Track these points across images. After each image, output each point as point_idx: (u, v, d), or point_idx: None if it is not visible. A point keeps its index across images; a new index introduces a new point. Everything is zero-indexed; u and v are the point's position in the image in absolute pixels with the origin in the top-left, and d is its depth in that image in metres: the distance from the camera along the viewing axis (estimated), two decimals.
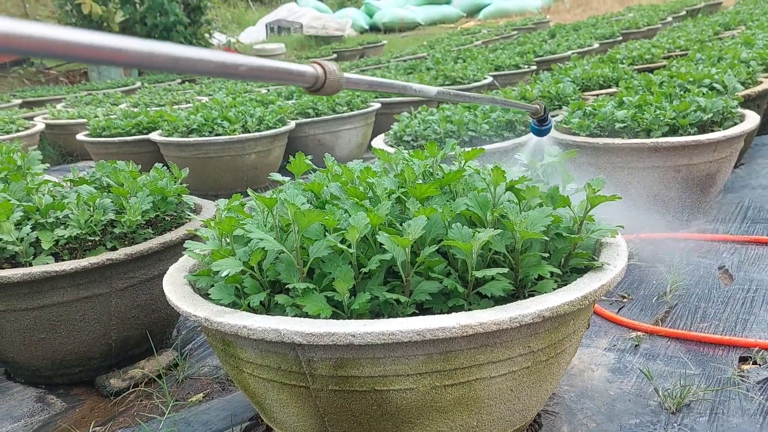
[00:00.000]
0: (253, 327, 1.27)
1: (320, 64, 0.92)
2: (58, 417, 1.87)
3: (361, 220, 1.39)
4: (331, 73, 0.92)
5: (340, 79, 0.94)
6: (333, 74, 0.92)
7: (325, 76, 0.91)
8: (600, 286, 1.36)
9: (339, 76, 0.93)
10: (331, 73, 0.92)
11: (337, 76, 0.93)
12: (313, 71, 0.91)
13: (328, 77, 0.91)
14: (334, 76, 0.92)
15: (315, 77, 0.91)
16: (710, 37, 6.84)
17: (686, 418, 1.61)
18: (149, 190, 2.06)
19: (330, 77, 0.92)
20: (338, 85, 0.94)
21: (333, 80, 0.92)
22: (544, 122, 1.70)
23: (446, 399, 1.32)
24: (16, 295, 1.83)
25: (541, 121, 1.70)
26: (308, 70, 0.90)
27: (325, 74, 0.91)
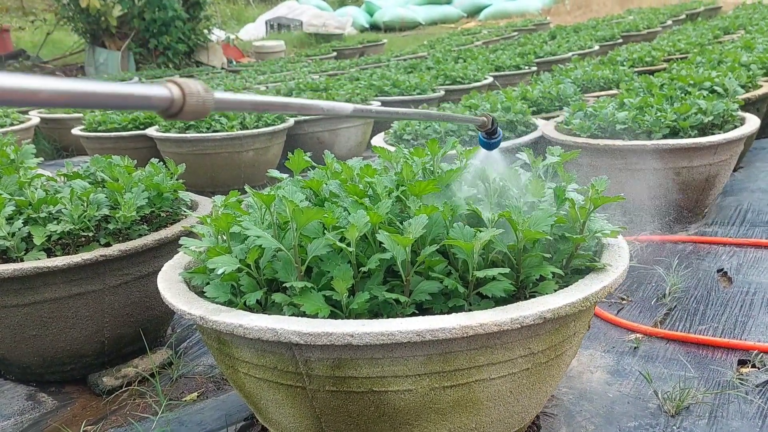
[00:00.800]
0: (249, 326, 1.24)
1: (177, 84, 0.77)
2: (49, 415, 1.84)
3: (361, 218, 1.37)
4: (192, 96, 0.77)
5: (205, 102, 0.78)
6: (194, 96, 0.77)
7: (184, 99, 0.76)
8: (601, 288, 1.34)
9: (203, 99, 0.78)
10: (192, 95, 0.77)
11: (199, 98, 0.77)
12: (165, 94, 0.75)
13: (188, 100, 0.76)
14: (195, 99, 0.77)
15: (168, 100, 0.76)
16: (710, 41, 6.84)
17: (685, 421, 1.59)
18: (145, 185, 2.03)
19: (190, 100, 0.76)
20: (202, 108, 0.78)
21: (194, 104, 0.77)
22: (493, 135, 1.61)
23: (445, 400, 1.30)
24: (7, 290, 1.80)
25: (489, 134, 1.61)
26: (157, 93, 0.75)
27: (183, 96, 0.76)
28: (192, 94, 0.77)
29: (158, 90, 0.75)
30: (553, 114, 3.86)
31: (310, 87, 5.70)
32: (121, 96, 0.71)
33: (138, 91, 0.73)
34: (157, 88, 0.75)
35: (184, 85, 0.76)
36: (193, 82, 0.78)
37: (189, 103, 0.77)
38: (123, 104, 0.71)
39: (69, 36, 13.64)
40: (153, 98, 0.75)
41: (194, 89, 0.77)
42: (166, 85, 0.77)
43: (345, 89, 5.18)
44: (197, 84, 0.78)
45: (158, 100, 0.75)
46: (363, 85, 5.59)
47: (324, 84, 5.74)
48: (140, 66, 12.08)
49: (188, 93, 0.76)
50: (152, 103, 0.75)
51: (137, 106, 0.73)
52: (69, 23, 12.33)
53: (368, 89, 5.34)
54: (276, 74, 8.63)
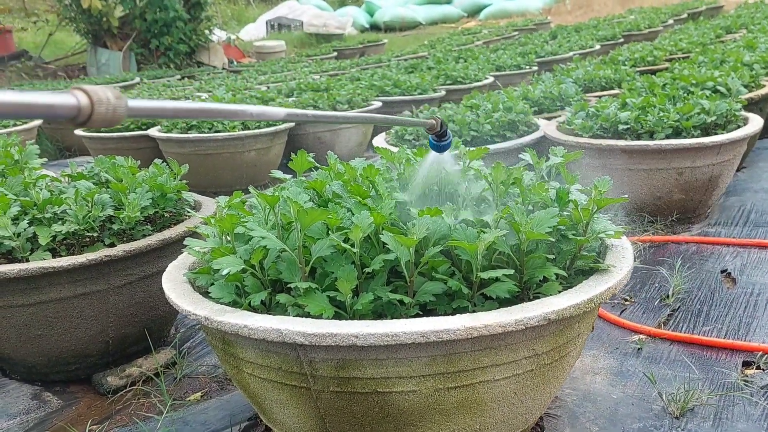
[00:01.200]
0: (254, 326, 1.25)
1: (85, 92, 0.74)
2: (54, 415, 1.85)
3: (365, 219, 1.37)
4: (101, 104, 0.74)
5: (116, 109, 0.76)
6: (103, 104, 0.74)
7: (92, 107, 0.73)
8: (606, 289, 1.34)
9: (113, 106, 0.75)
10: (101, 103, 0.74)
11: (109, 106, 0.75)
12: (71, 102, 0.72)
13: (96, 108, 0.74)
14: (105, 107, 0.74)
15: (74, 109, 0.72)
16: (712, 40, 6.84)
17: (690, 423, 1.59)
18: (148, 186, 2.03)
19: (99, 108, 0.74)
20: (113, 116, 0.76)
21: (103, 112, 0.74)
22: (443, 137, 1.60)
23: (449, 401, 1.30)
24: (13, 291, 1.80)
25: (439, 137, 1.60)
26: (62, 102, 0.72)
27: (91, 105, 0.73)
28: (101, 102, 0.75)
29: (63, 98, 0.73)
30: (555, 114, 3.86)
31: (311, 87, 5.70)
32: (24, 105, 0.68)
33: (42, 100, 0.70)
34: (63, 96, 0.73)
35: (92, 92, 0.74)
36: (102, 89, 0.76)
37: (98, 111, 0.75)
38: (27, 113, 0.69)
39: (71, 37, 13.65)
40: (57, 107, 0.72)
41: (103, 97, 0.75)
42: (73, 92, 0.74)
43: (346, 89, 5.18)
44: (107, 91, 0.76)
45: (63, 109, 0.72)
46: (364, 85, 5.59)
47: (325, 84, 5.75)
48: (142, 66, 12.09)
49: (96, 101, 0.74)
50: (56, 112, 0.72)
51: (41, 115, 0.71)
52: (71, 24, 12.34)
53: (369, 89, 5.35)
54: (277, 74, 8.63)
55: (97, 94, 0.74)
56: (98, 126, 0.76)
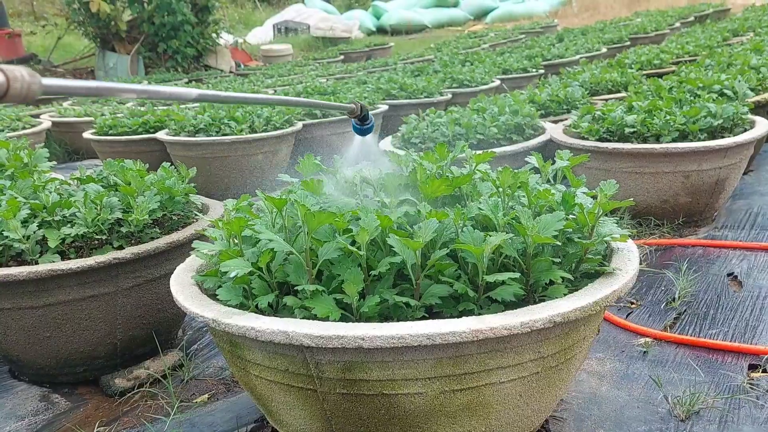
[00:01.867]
0: (261, 329, 1.26)
1: (1, 71, 0.86)
2: (63, 416, 1.86)
3: (372, 222, 1.38)
4: (16, 81, 0.86)
5: (30, 86, 0.88)
6: (18, 81, 0.86)
7: (8, 83, 0.86)
8: (611, 292, 1.34)
9: (27, 83, 0.87)
10: (16, 80, 0.86)
11: (23, 83, 0.87)
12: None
13: (12, 84, 0.86)
14: (19, 84, 0.86)
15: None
16: (719, 43, 6.81)
17: (696, 426, 1.59)
18: (157, 189, 2.05)
19: (14, 84, 0.86)
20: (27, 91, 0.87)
21: (18, 88, 0.87)
22: (365, 121, 1.66)
23: (455, 404, 1.31)
24: (22, 293, 1.82)
25: (362, 121, 1.66)
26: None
27: (7, 81, 0.86)
28: (16, 79, 0.86)
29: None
30: (561, 117, 3.86)
31: (317, 90, 5.72)
32: None
33: None
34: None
35: (8, 71, 0.86)
36: (18, 68, 0.87)
37: (13, 87, 0.86)
38: None
39: (79, 40, 13.75)
40: None
41: (17, 75, 0.87)
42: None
43: (353, 92, 5.20)
44: (21, 70, 0.87)
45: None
46: (371, 88, 5.61)
47: (332, 87, 5.76)
48: (149, 70, 12.16)
49: (12, 78, 0.86)
50: None
51: None
52: (79, 28, 12.43)
53: (376, 93, 5.36)
54: (284, 77, 8.66)
55: (13, 72, 0.86)
56: (14, 101, 0.88)
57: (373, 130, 1.70)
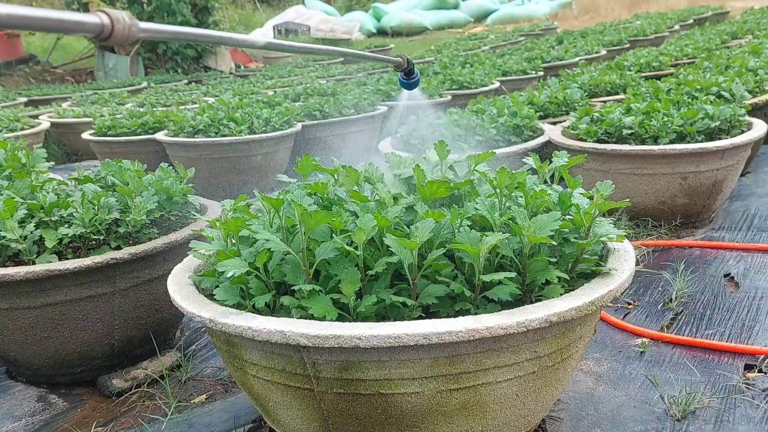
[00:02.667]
0: (258, 328, 1.26)
1: (107, 14, 0.93)
2: (60, 417, 1.86)
3: (369, 222, 1.38)
4: (119, 22, 0.93)
5: (131, 28, 0.94)
6: (120, 23, 0.93)
7: (112, 25, 0.92)
8: (607, 292, 1.35)
9: (128, 25, 0.94)
10: (119, 21, 0.93)
11: (125, 24, 0.93)
12: (96, 21, 0.91)
13: (115, 26, 0.92)
14: (122, 25, 0.93)
15: (99, 26, 0.91)
16: (718, 46, 6.83)
17: (692, 426, 1.59)
18: (154, 189, 2.06)
19: (117, 26, 0.92)
20: (129, 34, 0.94)
21: (121, 29, 0.93)
22: (410, 75, 1.69)
23: (451, 403, 1.31)
24: (19, 293, 1.82)
25: (407, 74, 1.69)
26: (89, 20, 0.90)
27: (111, 23, 0.92)
28: (118, 21, 0.93)
29: (91, 17, 0.92)
30: (560, 119, 3.87)
31: (318, 92, 5.73)
32: (61, 21, 0.86)
33: (74, 17, 0.89)
34: (90, 16, 0.92)
35: (112, 13, 0.93)
36: (119, 12, 0.94)
37: (116, 28, 0.93)
38: (61, 28, 0.86)
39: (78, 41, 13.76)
40: (87, 24, 0.91)
41: (119, 17, 0.94)
42: (97, 14, 0.92)
43: (352, 94, 5.20)
44: (123, 14, 0.94)
45: (91, 26, 0.91)
46: (370, 89, 5.61)
47: (332, 89, 5.77)
48: (149, 71, 12.17)
49: (115, 20, 0.93)
50: (86, 28, 0.91)
51: (74, 29, 0.89)
52: None
53: (375, 94, 5.37)
54: (284, 79, 8.67)
55: (116, 15, 0.93)
56: (118, 43, 0.96)
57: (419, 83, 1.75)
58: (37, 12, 0.83)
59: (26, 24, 0.81)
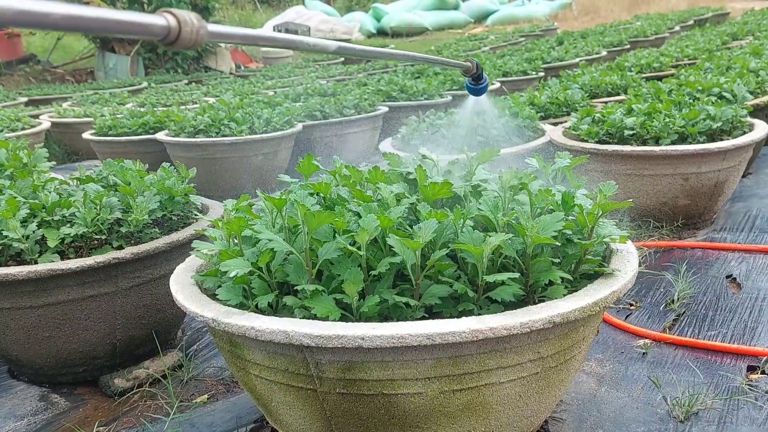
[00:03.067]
0: (261, 328, 1.26)
1: (174, 15, 0.84)
2: (62, 416, 1.86)
3: (372, 222, 1.38)
4: (186, 24, 0.84)
5: (199, 31, 0.86)
6: (188, 25, 0.84)
7: (180, 27, 0.84)
8: (611, 293, 1.35)
9: (197, 28, 0.85)
10: (186, 23, 0.84)
11: (194, 27, 0.85)
12: (163, 23, 0.83)
13: (183, 29, 0.84)
14: (189, 28, 0.84)
15: (166, 29, 0.83)
16: (718, 47, 6.83)
17: (694, 427, 1.59)
18: (156, 189, 2.05)
19: (185, 28, 0.84)
20: (196, 38, 0.86)
21: (189, 32, 0.84)
22: (479, 80, 1.63)
23: (454, 404, 1.31)
24: (21, 293, 1.82)
25: (476, 80, 1.62)
26: (156, 22, 0.82)
27: (179, 26, 0.84)
28: (186, 23, 0.84)
29: (157, 19, 0.82)
30: (561, 119, 3.87)
31: (318, 92, 5.73)
32: (125, 23, 0.77)
33: (140, 19, 0.79)
34: (156, 18, 0.82)
35: (179, 15, 0.83)
36: (187, 12, 0.85)
37: (184, 31, 0.84)
38: (125, 30, 0.78)
39: (79, 41, 13.75)
40: (153, 26, 0.81)
41: (188, 19, 0.84)
42: (164, 15, 0.83)
43: (353, 94, 5.20)
44: (191, 15, 0.85)
45: (157, 29, 0.82)
46: (371, 90, 5.61)
47: (332, 89, 5.77)
48: (149, 71, 12.16)
49: (182, 22, 0.83)
50: (152, 31, 0.82)
51: (138, 32, 0.80)
52: None
53: (376, 94, 5.37)
54: (284, 79, 8.67)
55: (183, 16, 0.84)
56: (184, 47, 0.85)
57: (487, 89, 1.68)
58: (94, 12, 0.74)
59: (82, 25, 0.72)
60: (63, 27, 0.70)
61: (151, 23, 0.81)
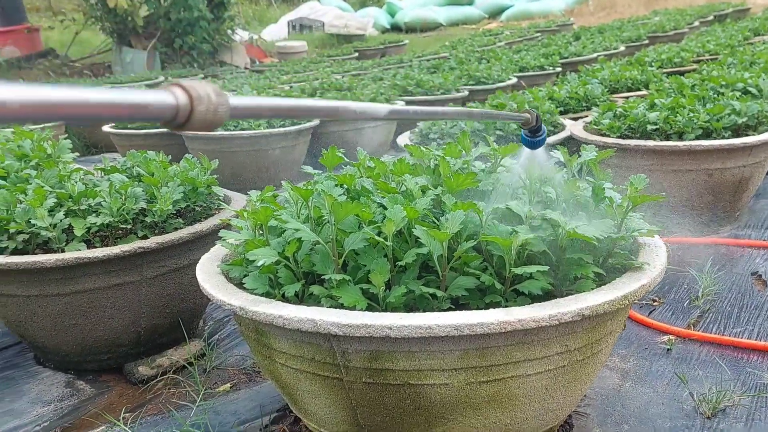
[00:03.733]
0: (289, 317, 1.26)
1: (185, 89, 0.63)
2: (88, 402, 1.88)
3: (398, 213, 1.38)
4: (201, 102, 0.62)
5: (218, 109, 0.64)
6: (204, 102, 0.63)
7: (191, 105, 0.62)
8: (640, 287, 1.34)
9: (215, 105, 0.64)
10: (201, 100, 0.62)
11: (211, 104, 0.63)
12: (169, 101, 0.61)
13: (197, 107, 0.62)
14: (205, 106, 0.63)
15: (173, 109, 0.61)
16: (740, 42, 6.74)
17: (722, 423, 1.58)
18: (180, 180, 2.07)
19: (199, 108, 0.62)
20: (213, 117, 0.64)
21: (203, 111, 0.63)
22: (537, 132, 1.47)
23: (480, 396, 1.30)
24: (49, 280, 1.84)
25: (533, 132, 1.46)
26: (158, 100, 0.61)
27: (190, 103, 0.62)
28: (200, 99, 0.63)
29: (160, 96, 0.61)
30: (581, 114, 3.84)
31: (334, 87, 5.73)
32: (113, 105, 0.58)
33: (138, 99, 0.59)
34: (159, 94, 0.61)
35: (192, 89, 0.62)
36: (201, 84, 0.64)
37: (198, 110, 0.63)
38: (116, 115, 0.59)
39: (96, 36, 13.86)
40: (152, 107, 0.61)
41: (203, 94, 0.63)
42: (171, 89, 0.63)
43: (369, 89, 5.20)
44: (207, 87, 0.64)
45: (160, 109, 0.61)
46: (387, 84, 5.60)
47: (348, 84, 5.77)
48: (165, 65, 12.23)
49: (196, 98, 0.63)
50: (152, 113, 0.61)
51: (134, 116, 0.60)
52: (97, 23, 12.53)
53: (392, 89, 5.36)
54: (299, 74, 8.68)
55: (196, 90, 0.63)
56: (198, 129, 0.64)
57: (545, 142, 1.49)
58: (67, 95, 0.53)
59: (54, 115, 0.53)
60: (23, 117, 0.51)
61: (153, 103, 0.60)
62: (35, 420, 1.81)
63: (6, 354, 2.21)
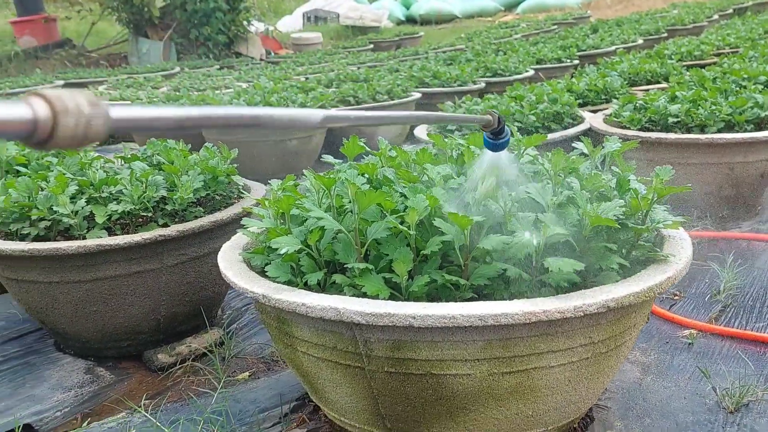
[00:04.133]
0: (312, 305, 1.26)
1: (46, 99, 0.51)
2: (108, 389, 1.90)
3: (421, 202, 1.37)
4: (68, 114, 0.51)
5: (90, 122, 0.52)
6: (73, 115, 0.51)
7: (54, 119, 0.50)
8: (666, 279, 1.32)
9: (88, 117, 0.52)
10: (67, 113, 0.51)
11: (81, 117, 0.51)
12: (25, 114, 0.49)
13: (61, 121, 0.50)
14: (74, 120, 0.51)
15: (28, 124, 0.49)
16: (761, 36, 6.63)
17: (745, 418, 1.56)
18: (200, 168, 2.07)
19: (65, 121, 0.51)
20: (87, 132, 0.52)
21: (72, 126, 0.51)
22: (500, 134, 1.41)
23: (503, 386, 1.30)
24: (70, 267, 1.85)
25: (495, 134, 1.41)
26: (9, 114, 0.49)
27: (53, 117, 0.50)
28: (67, 112, 0.51)
29: (12, 109, 0.49)
30: (600, 107, 3.80)
31: (350, 77, 5.72)
32: None
33: None
34: (12, 107, 0.49)
35: (56, 100, 0.51)
36: (71, 94, 0.52)
37: (63, 124, 0.51)
38: None
39: (113, 26, 13.94)
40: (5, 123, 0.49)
41: (70, 104, 0.51)
42: (29, 100, 0.51)
43: (386, 80, 5.18)
44: (78, 97, 0.52)
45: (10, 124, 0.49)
46: (403, 76, 5.58)
47: (364, 75, 5.75)
48: (181, 56, 12.28)
49: (61, 111, 0.51)
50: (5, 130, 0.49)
51: None
52: (113, 13, 12.61)
53: (409, 80, 5.33)
54: (314, 65, 8.67)
55: (63, 100, 0.51)
56: (66, 146, 0.52)
57: (507, 145, 1.43)
58: None
59: None
60: None
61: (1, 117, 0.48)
62: (56, 405, 1.83)
63: (26, 340, 2.23)
